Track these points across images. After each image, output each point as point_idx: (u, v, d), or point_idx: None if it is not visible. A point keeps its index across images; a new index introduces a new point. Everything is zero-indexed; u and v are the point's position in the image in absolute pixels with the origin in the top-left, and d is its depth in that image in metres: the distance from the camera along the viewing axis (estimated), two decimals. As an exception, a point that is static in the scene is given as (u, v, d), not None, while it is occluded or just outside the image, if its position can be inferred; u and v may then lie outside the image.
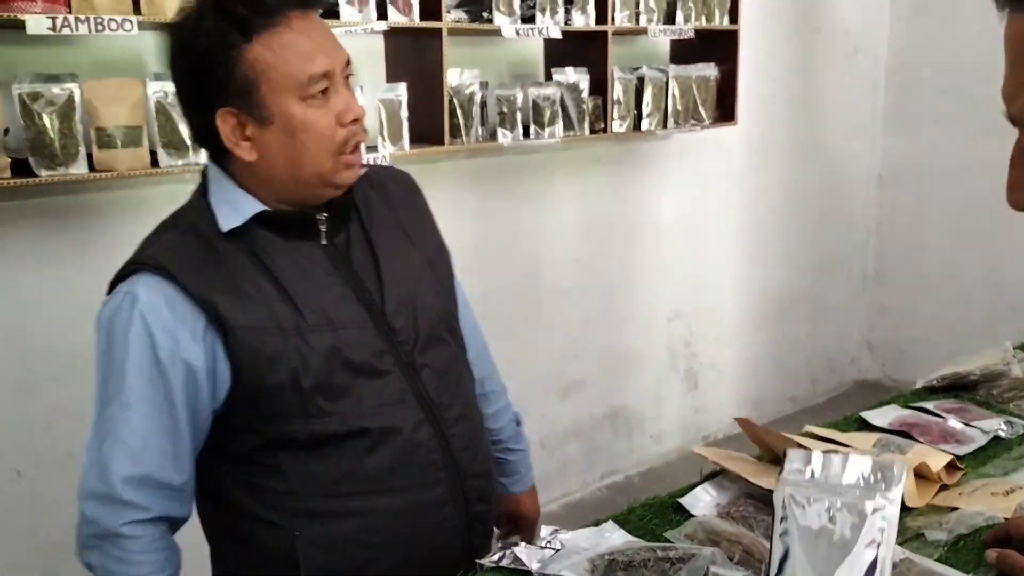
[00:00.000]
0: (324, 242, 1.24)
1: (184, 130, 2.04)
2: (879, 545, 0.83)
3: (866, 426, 1.56)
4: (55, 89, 1.89)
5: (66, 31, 1.85)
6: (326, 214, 1.24)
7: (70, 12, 1.88)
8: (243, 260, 1.19)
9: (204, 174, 1.26)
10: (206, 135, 1.19)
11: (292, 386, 1.17)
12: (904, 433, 1.49)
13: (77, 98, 1.91)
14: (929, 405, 1.62)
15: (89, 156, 1.96)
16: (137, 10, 1.97)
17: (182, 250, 1.18)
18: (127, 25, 1.92)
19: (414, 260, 1.32)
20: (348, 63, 1.19)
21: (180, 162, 2.06)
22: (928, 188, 4.14)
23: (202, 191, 1.24)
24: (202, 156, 2.07)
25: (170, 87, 1.99)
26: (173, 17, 1.21)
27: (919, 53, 4.07)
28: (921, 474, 1.30)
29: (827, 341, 4.34)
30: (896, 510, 0.85)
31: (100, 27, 1.89)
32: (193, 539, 1.34)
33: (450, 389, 1.31)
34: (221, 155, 1.22)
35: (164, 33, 1.21)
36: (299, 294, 1.19)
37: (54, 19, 1.83)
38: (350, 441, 1.21)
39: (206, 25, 1.13)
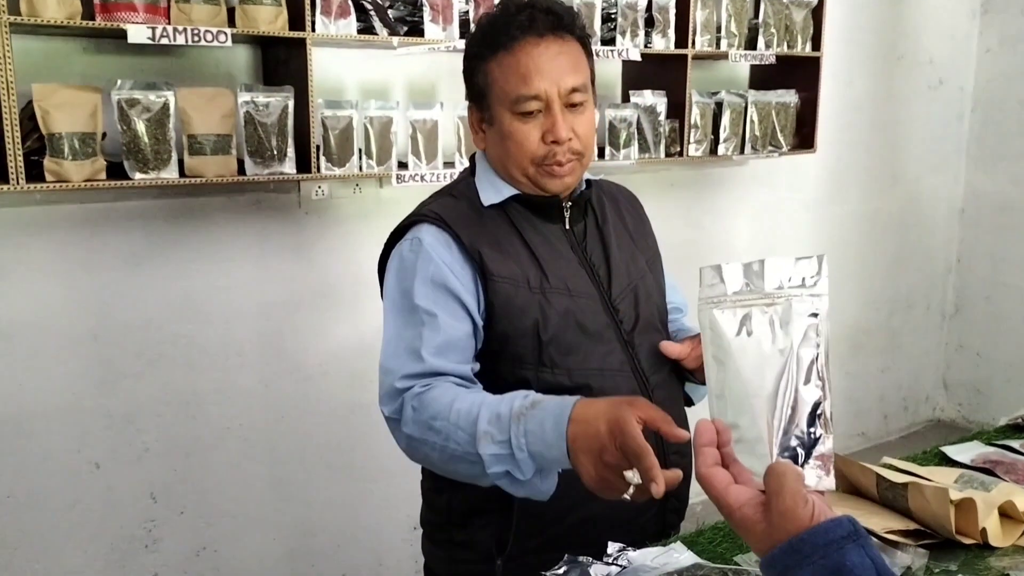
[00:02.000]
0: (567, 227, 1.42)
1: (269, 140, 2.10)
2: (816, 342, 0.80)
3: (946, 461, 1.51)
4: (151, 96, 1.96)
5: (164, 41, 1.92)
6: (570, 203, 1.42)
7: (169, 23, 1.95)
8: (504, 226, 1.39)
9: (473, 159, 1.48)
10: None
11: (533, 335, 1.33)
12: (987, 470, 1.44)
13: (172, 106, 1.99)
14: (1014, 443, 1.57)
15: (180, 162, 2.03)
16: (232, 23, 2.04)
17: (456, 209, 1.39)
18: (222, 37, 1.99)
19: (638, 259, 1.50)
20: (573, 90, 1.33)
21: (265, 171, 2.11)
22: (1011, 224, 4.01)
23: (471, 171, 1.46)
24: (286, 167, 2.13)
25: (259, 98, 2.08)
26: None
27: (1007, 86, 3.96)
28: (1006, 513, 1.25)
29: (902, 377, 4.22)
30: (825, 303, 0.82)
31: (196, 38, 1.96)
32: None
33: (660, 371, 1.44)
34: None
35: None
36: (546, 261, 1.37)
37: (154, 29, 1.91)
38: (573, 395, 1.29)
39: (474, 37, 1.39)
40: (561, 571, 1.15)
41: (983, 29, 4.02)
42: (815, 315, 0.81)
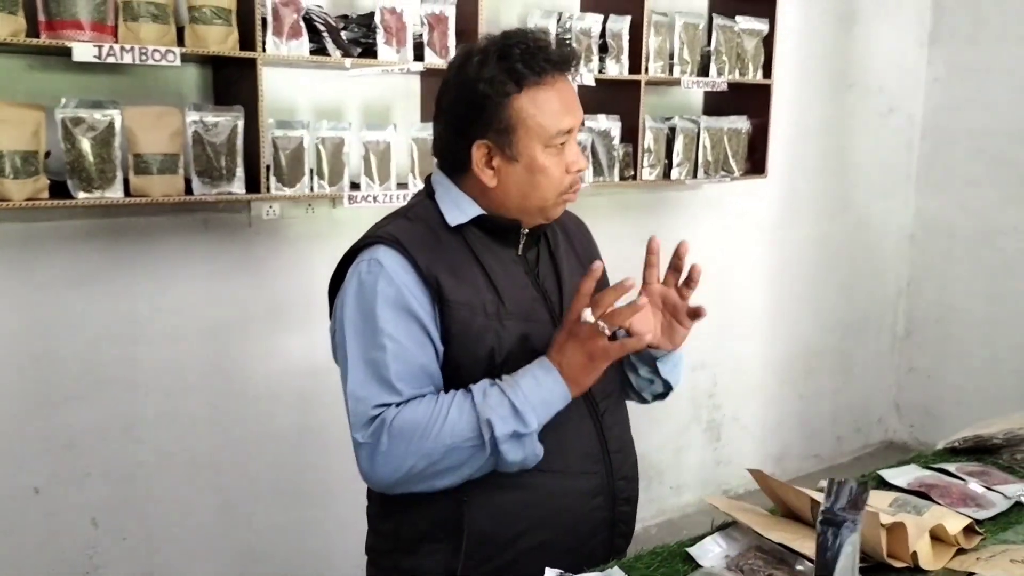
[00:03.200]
0: (520, 253, 1.43)
1: (218, 160, 2.09)
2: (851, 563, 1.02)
3: (884, 485, 1.53)
4: (97, 115, 1.94)
5: (111, 60, 1.90)
6: (526, 231, 1.43)
7: (116, 41, 1.93)
8: (461, 250, 1.38)
9: (428, 182, 1.46)
10: (453, 155, 1.40)
11: (487, 361, 1.34)
12: (923, 494, 1.47)
13: (117, 124, 1.96)
14: (950, 467, 1.59)
15: (125, 181, 2.01)
16: (181, 42, 2.03)
17: (412, 232, 1.37)
18: (170, 56, 1.97)
19: None
20: (583, 122, 1.42)
21: (213, 191, 2.10)
22: (960, 249, 4.10)
23: (427, 194, 1.45)
24: (235, 187, 2.11)
25: (208, 117, 2.06)
26: (459, 58, 1.39)
27: (954, 114, 4.06)
28: (938, 536, 1.27)
29: (854, 399, 4.28)
30: (851, 531, 1.05)
31: (144, 57, 1.94)
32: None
33: (610, 399, 1.48)
34: (454, 170, 1.42)
35: (448, 69, 1.40)
36: (502, 287, 1.38)
37: (100, 48, 1.89)
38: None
39: (488, 73, 1.32)
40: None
41: (931, 59, 4.12)
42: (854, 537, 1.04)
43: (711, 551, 1.27)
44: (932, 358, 4.28)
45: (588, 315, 1.25)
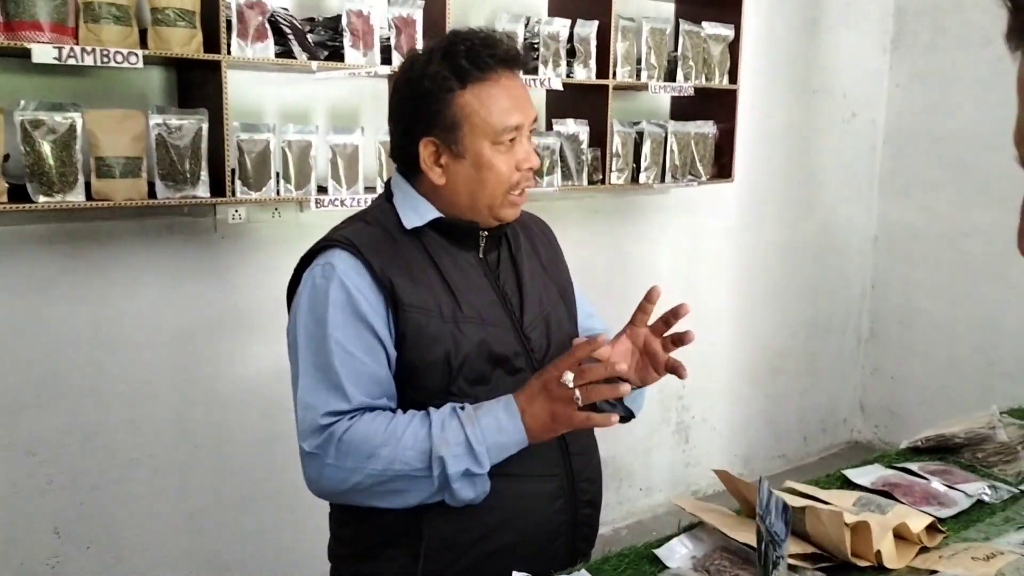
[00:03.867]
0: (481, 255, 1.43)
1: (182, 163, 2.06)
2: None
3: (848, 484, 1.55)
4: (57, 117, 1.91)
5: (71, 61, 1.87)
6: (486, 232, 1.43)
7: (77, 43, 1.91)
8: (417, 253, 1.38)
9: (388, 185, 1.47)
10: (404, 154, 1.40)
11: (443, 365, 1.33)
12: (886, 493, 1.48)
13: (79, 127, 1.93)
14: (913, 466, 1.61)
15: (87, 185, 1.98)
16: (144, 44, 2.00)
17: (368, 235, 1.37)
18: (132, 58, 1.95)
19: (550, 289, 1.52)
20: (535, 120, 1.41)
21: (177, 195, 2.07)
22: (923, 251, 4.16)
23: (386, 197, 1.45)
24: (199, 191, 2.09)
25: (171, 120, 2.04)
26: (408, 58, 1.41)
27: (916, 119, 4.13)
28: (901, 535, 1.29)
29: (820, 400, 4.33)
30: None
31: (106, 59, 1.92)
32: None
33: None
34: (410, 172, 1.42)
35: (398, 69, 1.42)
36: (459, 290, 1.37)
37: (60, 49, 1.86)
38: None
39: (432, 70, 1.33)
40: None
41: (893, 65, 4.19)
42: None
43: (677, 552, 1.28)
44: (896, 359, 4.34)
45: (569, 379, 1.24)
